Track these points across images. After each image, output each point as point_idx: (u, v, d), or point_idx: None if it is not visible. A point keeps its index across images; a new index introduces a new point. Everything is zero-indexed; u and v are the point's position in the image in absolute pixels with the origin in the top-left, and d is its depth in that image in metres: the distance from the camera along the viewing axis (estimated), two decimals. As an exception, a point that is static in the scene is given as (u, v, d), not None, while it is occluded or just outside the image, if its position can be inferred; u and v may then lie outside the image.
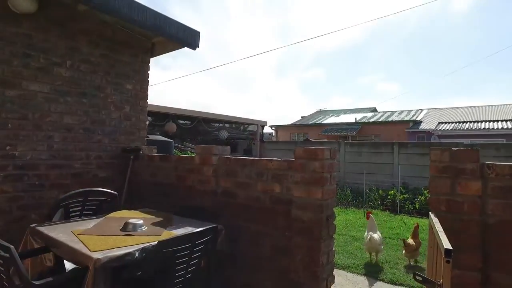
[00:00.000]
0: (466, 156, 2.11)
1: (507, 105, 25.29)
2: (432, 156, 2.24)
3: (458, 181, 2.12)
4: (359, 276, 4.26)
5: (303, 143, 13.89)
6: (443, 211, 2.17)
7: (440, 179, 2.19)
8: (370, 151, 11.77)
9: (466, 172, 2.10)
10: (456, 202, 2.12)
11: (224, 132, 12.74)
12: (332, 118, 30.30)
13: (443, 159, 2.18)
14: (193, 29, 4.80)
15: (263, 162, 3.21)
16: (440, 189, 2.19)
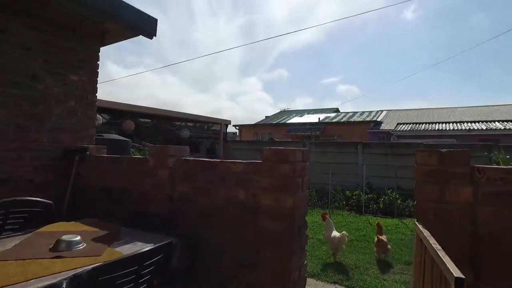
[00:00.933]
0: (456, 158, 1.87)
1: (457, 108, 26.85)
2: (418, 158, 1.99)
3: (448, 186, 1.89)
4: (329, 285, 4.01)
5: (268, 143, 13.66)
6: (430, 220, 1.93)
7: (427, 184, 1.95)
8: (335, 151, 11.78)
9: (456, 176, 1.87)
10: (445, 210, 1.89)
11: (186, 131, 12.17)
12: (296, 118, 30.51)
13: (431, 162, 1.93)
14: (150, 15, 4.31)
15: (226, 164, 2.83)
16: (427, 195, 1.94)
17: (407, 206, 8.68)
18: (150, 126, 11.68)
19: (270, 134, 28.98)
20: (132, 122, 10.18)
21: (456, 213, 1.85)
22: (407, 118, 25.48)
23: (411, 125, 23.33)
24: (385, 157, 10.90)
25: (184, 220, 3.01)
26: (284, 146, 11.03)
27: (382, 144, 11.43)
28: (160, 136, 14.79)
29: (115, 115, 10.60)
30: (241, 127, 31.24)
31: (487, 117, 23.00)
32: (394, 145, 10.97)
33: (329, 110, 32.28)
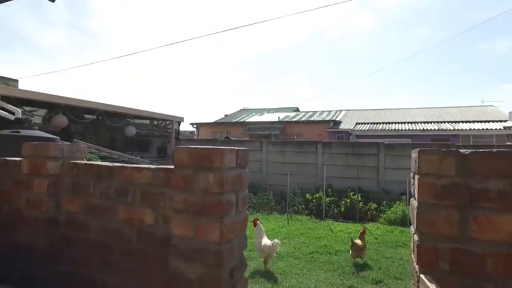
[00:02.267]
0: (490, 165, 1.08)
1: (412, 109, 27.65)
2: (423, 164, 1.17)
3: (475, 213, 1.09)
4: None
5: (223, 141, 12.74)
6: (445, 271, 1.12)
7: (439, 209, 1.14)
8: (294, 151, 11.11)
9: (490, 196, 1.07)
10: (471, 254, 1.09)
11: (132, 128, 10.89)
12: (255, 117, 29.83)
13: (445, 170, 1.12)
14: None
15: (127, 172, 1.88)
16: (440, 228, 1.13)
17: (369, 209, 8.17)
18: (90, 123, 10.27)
19: (228, 133, 28.01)
20: (64, 117, 8.75)
21: (490, 259, 1.06)
22: (365, 118, 25.74)
23: (369, 125, 23.52)
24: (346, 157, 10.41)
25: (70, 253, 2.02)
26: (240, 145, 10.06)
27: (343, 143, 10.96)
28: (106, 134, 13.29)
29: (49, 109, 9.10)
30: (199, 125, 29.93)
31: (438, 118, 23.79)
32: (355, 144, 10.53)
33: (289, 109, 31.95)
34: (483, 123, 21.57)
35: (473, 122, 21.81)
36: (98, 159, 8.15)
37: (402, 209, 7.48)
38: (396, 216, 7.35)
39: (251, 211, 8.80)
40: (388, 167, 9.94)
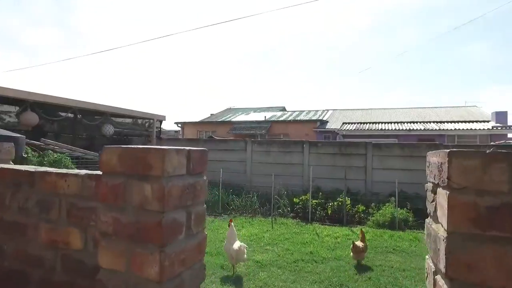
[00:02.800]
0: None
1: (398, 109, 27.70)
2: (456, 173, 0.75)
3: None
4: None
5: (206, 141, 12.27)
6: None
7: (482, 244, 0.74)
8: (280, 151, 10.72)
9: None
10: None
11: (109, 127, 10.27)
12: (241, 116, 29.39)
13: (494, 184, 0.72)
14: None
15: (51, 178, 1.42)
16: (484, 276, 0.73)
17: (357, 212, 7.84)
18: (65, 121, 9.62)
19: (214, 132, 27.49)
20: (34, 115, 8.12)
21: None
22: (352, 117, 25.63)
23: (356, 124, 23.38)
24: (333, 157, 10.09)
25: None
26: (223, 145, 9.58)
27: (330, 143, 10.65)
28: (83, 133, 12.60)
29: (18, 106, 8.43)
30: (184, 124, 29.31)
31: (424, 118, 23.86)
32: (343, 144, 10.22)
33: (275, 108, 31.64)
34: (468, 123, 21.70)
35: (458, 122, 21.92)
36: (68, 160, 7.57)
37: (391, 212, 7.18)
38: (385, 219, 7.04)
39: (234, 214, 8.37)
40: (376, 167, 9.66)
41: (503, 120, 21.55)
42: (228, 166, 11.39)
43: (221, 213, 8.48)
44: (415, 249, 5.63)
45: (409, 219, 7.19)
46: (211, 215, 8.30)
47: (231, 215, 8.31)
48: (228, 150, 11.55)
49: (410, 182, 9.06)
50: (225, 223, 7.31)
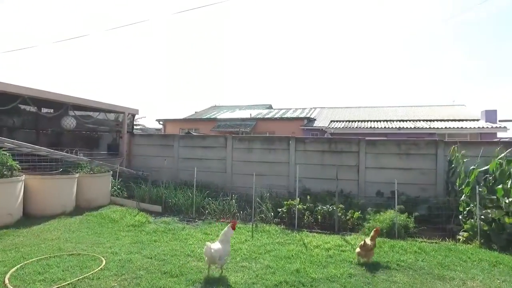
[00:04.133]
0: None
1: (386, 107, 27.05)
2: None
3: None
4: None
5: (183, 137, 11.10)
6: None
7: None
8: (263, 148, 9.66)
9: None
10: None
11: (70, 120, 9.00)
12: (226, 114, 28.23)
13: None
14: None
15: None
16: None
17: (350, 218, 6.85)
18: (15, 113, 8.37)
19: (197, 130, 26.27)
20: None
21: None
22: (340, 116, 24.81)
23: (344, 122, 22.56)
24: (322, 155, 9.10)
25: None
26: (200, 141, 8.29)
27: (319, 139, 9.63)
28: (40, 127, 11.25)
29: None
30: (166, 121, 27.96)
31: (413, 117, 23.24)
32: (332, 140, 9.22)
33: (261, 106, 30.60)
34: (458, 122, 21.19)
35: (448, 121, 21.38)
36: (8, 157, 6.32)
37: (390, 217, 6.20)
38: (383, 226, 6.06)
39: (210, 219, 7.28)
40: (370, 166, 8.71)
41: (492, 118, 21.10)
42: (207, 165, 10.29)
43: (194, 218, 7.37)
44: (423, 265, 4.66)
45: (409, 225, 6.24)
46: (183, 220, 7.19)
47: (205, 220, 7.21)
48: (207, 147, 10.44)
49: (408, 182, 8.17)
50: (197, 232, 6.21)
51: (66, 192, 7.33)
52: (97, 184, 8.25)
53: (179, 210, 7.92)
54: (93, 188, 8.13)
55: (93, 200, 8.03)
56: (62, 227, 6.19)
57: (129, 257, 4.69)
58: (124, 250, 4.98)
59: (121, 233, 5.97)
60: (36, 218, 6.68)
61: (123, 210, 7.68)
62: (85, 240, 5.46)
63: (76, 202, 7.75)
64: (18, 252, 4.79)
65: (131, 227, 6.37)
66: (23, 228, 6.00)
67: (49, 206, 6.96)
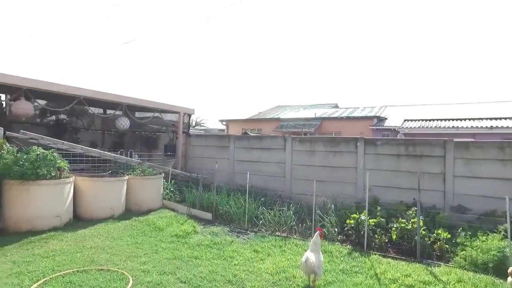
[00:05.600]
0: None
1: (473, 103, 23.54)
2: None
3: None
4: None
5: (239, 138, 10.43)
6: None
7: None
8: (327, 150, 8.48)
9: None
10: None
11: (124, 120, 8.89)
12: (290, 113, 27.23)
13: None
14: None
15: None
16: None
17: (437, 240, 5.39)
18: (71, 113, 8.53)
19: (260, 130, 25.73)
20: (28, 103, 6.95)
21: None
22: (414, 114, 22.14)
23: (420, 121, 20.02)
24: (397, 160, 7.63)
25: None
26: (258, 142, 7.22)
27: (393, 141, 8.13)
28: (93, 125, 11.45)
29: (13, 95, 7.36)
30: (228, 122, 27.97)
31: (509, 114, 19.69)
32: (410, 142, 7.69)
33: (327, 105, 28.98)
34: None
35: (557, 118, 17.66)
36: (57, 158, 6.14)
37: (497, 246, 4.64)
38: (487, 258, 4.53)
39: (263, 231, 6.39)
40: (461, 175, 7.02)
41: None
42: (264, 168, 9.45)
43: (246, 230, 6.55)
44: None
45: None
46: (233, 231, 6.41)
47: (258, 233, 6.34)
48: (264, 149, 9.59)
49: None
50: (246, 248, 5.35)
51: (115, 195, 7.05)
52: (148, 186, 7.91)
53: (230, 218, 7.18)
54: (144, 191, 7.79)
55: (144, 204, 7.69)
56: (105, 233, 5.82)
57: (160, 279, 4.00)
58: (157, 269, 4.31)
59: (162, 244, 5.38)
60: (85, 221, 6.47)
61: (172, 217, 7.18)
62: (122, 252, 4.95)
63: (126, 205, 7.47)
64: (52, 261, 4.43)
65: (175, 238, 5.76)
66: (69, 231, 5.76)
67: (97, 209, 6.72)
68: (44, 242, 5.20)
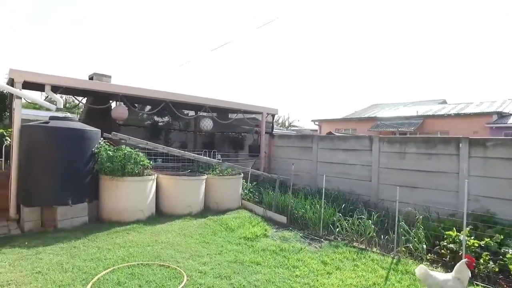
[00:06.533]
0: None
1: None
2: None
3: None
4: None
5: (322, 138, 9.82)
6: None
7: None
8: (420, 152, 7.33)
9: None
10: None
11: (207, 121, 9.24)
12: (387, 112, 25.04)
13: None
14: None
15: None
16: None
17: None
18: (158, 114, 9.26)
19: (354, 130, 24.32)
20: (124, 108, 7.73)
21: None
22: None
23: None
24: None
25: None
26: (341, 142, 6.86)
27: (508, 141, 6.52)
28: (175, 127, 12.15)
29: (99, 99, 8.33)
30: (321, 122, 27.21)
31: None
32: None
33: (432, 102, 25.71)
34: None
35: None
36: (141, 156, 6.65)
37: None
38: None
39: (340, 240, 5.80)
40: None
41: None
42: (348, 171, 8.73)
43: (321, 237, 6.04)
44: None
45: None
46: (306, 238, 5.98)
47: (334, 241, 5.78)
48: (348, 150, 8.85)
49: None
50: (314, 258, 4.89)
51: (193, 193, 7.31)
52: (226, 186, 8.02)
53: (305, 223, 6.75)
54: (222, 191, 7.93)
55: (222, 203, 7.82)
56: (179, 229, 6.04)
57: (213, 282, 3.88)
58: (215, 271, 4.21)
59: (228, 246, 5.29)
60: (166, 216, 6.86)
61: (246, 218, 7.11)
62: (189, 249, 5.03)
63: (205, 203, 7.70)
64: (126, 252, 4.75)
65: (242, 240, 5.62)
66: (148, 225, 6.16)
67: (176, 206, 7.06)
68: (126, 233, 5.64)
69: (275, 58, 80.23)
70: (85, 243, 5.06)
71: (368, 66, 76.84)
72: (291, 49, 75.79)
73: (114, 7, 65.89)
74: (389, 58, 77.38)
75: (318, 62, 78.61)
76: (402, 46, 79.16)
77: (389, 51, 78.94)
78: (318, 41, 77.34)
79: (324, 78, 78.03)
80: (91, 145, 6.32)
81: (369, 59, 77.54)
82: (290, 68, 76.74)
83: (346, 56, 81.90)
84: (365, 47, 79.01)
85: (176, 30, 71.21)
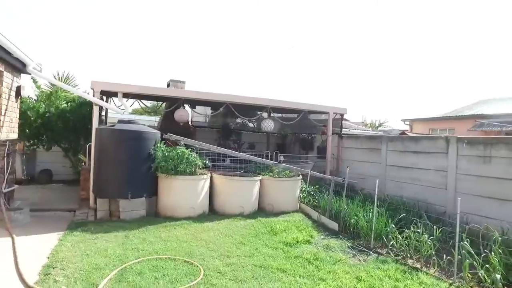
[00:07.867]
0: None
1: None
2: None
3: None
4: None
5: (392, 139, 8.80)
6: None
7: None
8: (507, 157, 6.02)
9: None
10: None
11: (269, 122, 9.12)
12: (495, 108, 21.34)
13: None
14: None
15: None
16: None
17: None
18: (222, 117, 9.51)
19: (451, 130, 21.39)
20: (186, 111, 8.20)
21: None
22: None
23: None
24: None
25: None
26: (413, 144, 6.52)
27: None
28: (234, 129, 12.23)
29: (170, 103, 8.94)
30: (412, 121, 24.64)
31: None
32: None
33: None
34: None
35: None
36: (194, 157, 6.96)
37: None
38: None
39: (391, 255, 5.15)
40: None
41: None
42: (419, 176, 7.75)
43: (371, 249, 5.45)
44: None
45: None
46: (354, 249, 5.47)
47: (383, 256, 5.16)
48: (420, 153, 7.83)
49: None
50: (350, 272, 4.45)
51: (245, 193, 7.35)
52: (281, 188, 7.88)
53: (358, 233, 6.17)
54: (277, 193, 7.81)
55: (277, 205, 7.71)
56: (224, 228, 6.14)
57: (226, 284, 3.84)
58: (234, 274, 4.16)
59: (263, 249, 5.17)
60: (217, 215, 7.06)
61: (296, 222, 6.86)
62: (221, 248, 5.08)
63: (260, 205, 7.69)
64: (163, 246, 5.04)
65: (281, 245, 5.43)
66: (197, 222, 6.41)
67: (228, 205, 7.21)
68: (173, 228, 5.99)
69: (361, 57, 75.28)
70: (135, 234, 5.53)
71: (477, 59, 66.58)
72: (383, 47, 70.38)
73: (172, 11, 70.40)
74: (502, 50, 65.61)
75: (408, 59, 71.25)
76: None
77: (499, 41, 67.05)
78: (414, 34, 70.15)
79: (420, 75, 70.15)
80: (149, 145, 6.89)
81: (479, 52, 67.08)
82: (383, 66, 71.30)
83: (446, 50, 72.38)
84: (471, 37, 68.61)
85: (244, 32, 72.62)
